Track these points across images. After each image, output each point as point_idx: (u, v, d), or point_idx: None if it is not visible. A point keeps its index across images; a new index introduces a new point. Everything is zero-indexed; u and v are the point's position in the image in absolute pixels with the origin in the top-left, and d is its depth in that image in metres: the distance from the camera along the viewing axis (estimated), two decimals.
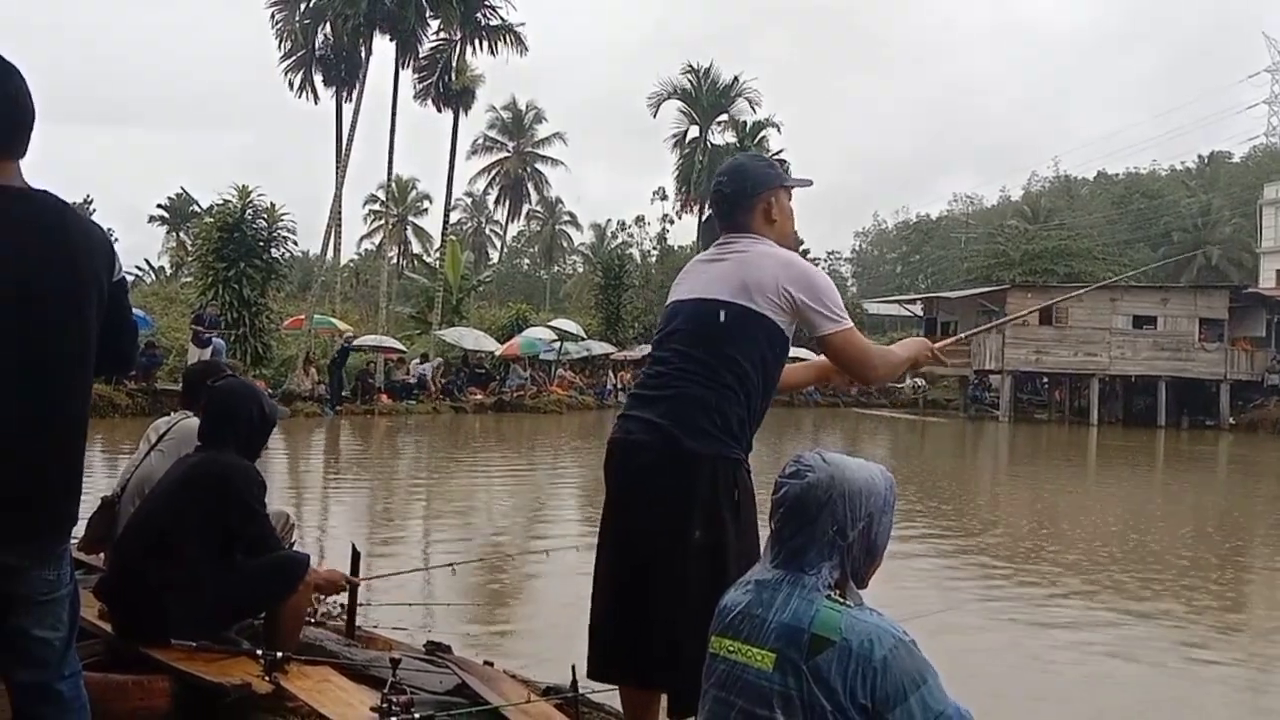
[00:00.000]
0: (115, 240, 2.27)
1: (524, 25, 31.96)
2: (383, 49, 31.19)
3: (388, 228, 47.53)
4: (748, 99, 47.44)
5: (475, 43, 31.90)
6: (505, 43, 31.87)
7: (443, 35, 32.06)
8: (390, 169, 34.29)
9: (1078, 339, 32.86)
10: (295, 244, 26.30)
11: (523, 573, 7.78)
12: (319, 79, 33.48)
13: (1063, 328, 32.83)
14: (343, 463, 15.62)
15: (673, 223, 57.43)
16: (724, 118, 48.13)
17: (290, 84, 33.75)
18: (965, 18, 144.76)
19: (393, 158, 32.96)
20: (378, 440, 19.02)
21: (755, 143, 45.04)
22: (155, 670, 3.02)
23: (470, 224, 66.28)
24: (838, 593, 1.76)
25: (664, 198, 56.41)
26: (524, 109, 57.50)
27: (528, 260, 75.65)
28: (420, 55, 32.05)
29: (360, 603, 4.08)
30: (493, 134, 57.63)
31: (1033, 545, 9.63)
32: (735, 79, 47.44)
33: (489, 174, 58.77)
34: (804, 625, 1.70)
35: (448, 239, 34.60)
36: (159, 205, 57.75)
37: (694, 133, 48.65)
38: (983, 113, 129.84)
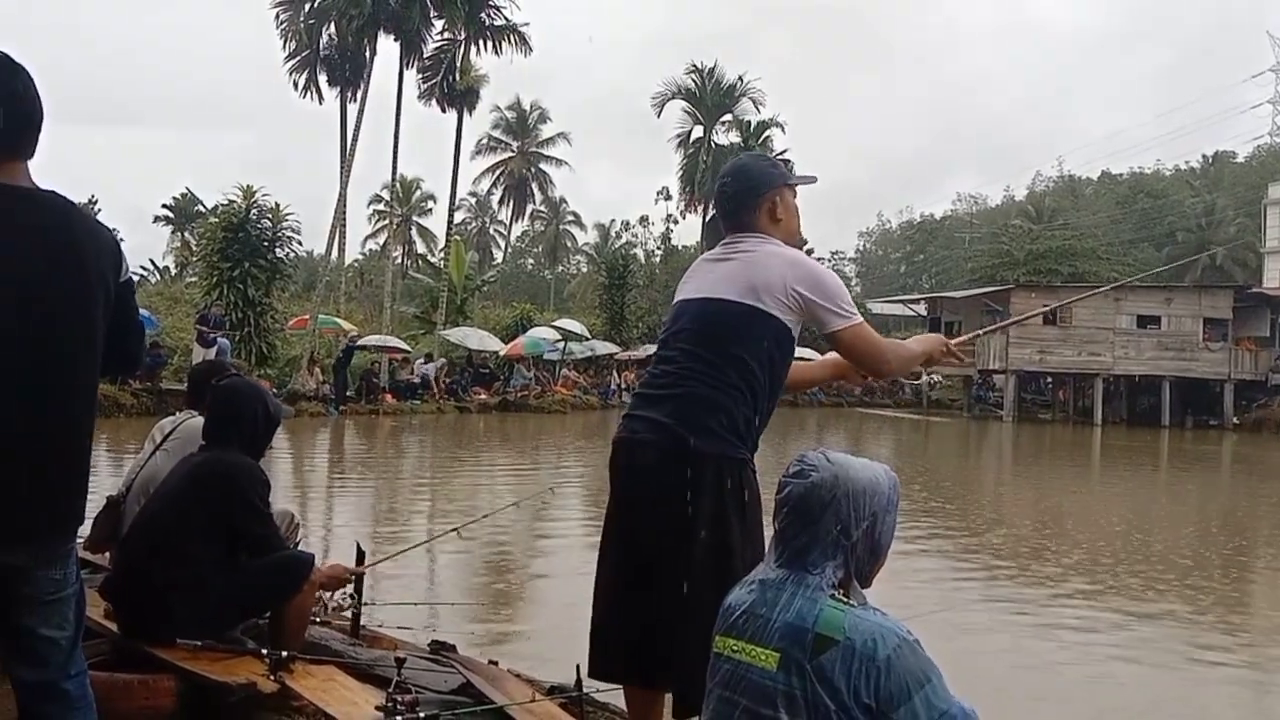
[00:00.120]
0: (120, 241, 2.27)
1: (528, 25, 32.08)
2: (387, 49, 31.32)
3: (392, 228, 47.65)
4: (752, 99, 47.40)
5: (479, 43, 31.96)
6: (509, 42, 31.95)
7: (447, 35, 32.11)
8: (395, 169, 34.43)
9: (1082, 339, 32.82)
10: (300, 244, 26.27)
11: (528, 572, 7.80)
12: (323, 79, 33.70)
13: (1067, 327, 32.76)
14: (347, 462, 15.63)
15: (677, 223, 57.66)
16: (728, 117, 48.02)
17: (295, 84, 34.02)
18: (968, 17, 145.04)
19: (397, 158, 33.14)
20: (382, 440, 19.03)
21: (759, 143, 44.96)
22: (160, 669, 3.02)
23: (474, 224, 66.37)
24: (841, 592, 1.76)
25: (668, 198, 56.51)
26: (528, 109, 57.59)
27: (532, 260, 75.69)
28: (424, 55, 32.12)
29: (365, 602, 4.08)
30: (497, 134, 57.69)
31: (1036, 545, 9.62)
32: (739, 79, 47.42)
33: (493, 174, 58.79)
34: (808, 625, 1.70)
35: (452, 239, 34.62)
36: (164, 205, 58.15)
37: (698, 132, 48.57)
38: (987, 112, 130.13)
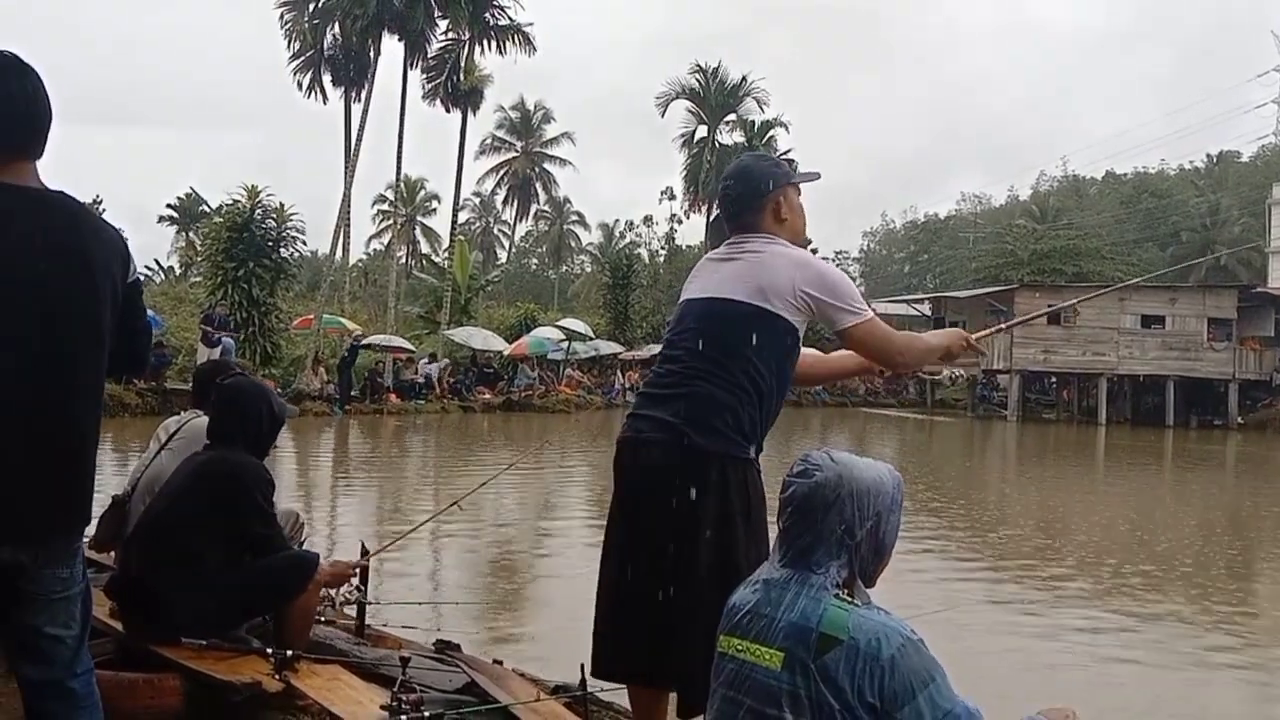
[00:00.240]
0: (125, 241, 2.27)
1: (532, 25, 32.01)
2: (391, 49, 31.28)
3: (396, 227, 47.76)
4: (756, 99, 47.27)
5: (483, 43, 31.90)
6: (513, 43, 31.89)
7: (451, 35, 32.09)
8: (399, 169, 34.45)
9: (1086, 338, 32.77)
10: (304, 244, 26.35)
11: (532, 572, 7.82)
12: (327, 79, 33.65)
13: (1071, 327, 32.70)
14: (351, 462, 15.65)
15: (681, 222, 57.56)
16: (732, 117, 47.93)
17: (299, 84, 33.95)
18: (968, 17, 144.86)
19: (401, 157, 33.13)
20: (386, 439, 19.05)
21: (764, 142, 44.92)
22: (166, 668, 3.03)
23: (478, 224, 66.34)
24: (845, 592, 1.76)
25: (672, 197, 56.46)
26: (532, 109, 57.54)
27: (536, 260, 75.67)
28: (429, 55, 32.09)
29: (370, 601, 4.09)
30: (501, 134, 57.69)
31: (1040, 545, 9.61)
32: (743, 79, 47.26)
33: (497, 174, 58.78)
34: (812, 624, 1.70)
35: (456, 239, 34.61)
36: (168, 205, 58.17)
37: (702, 132, 48.44)
38: (990, 112, 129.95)
